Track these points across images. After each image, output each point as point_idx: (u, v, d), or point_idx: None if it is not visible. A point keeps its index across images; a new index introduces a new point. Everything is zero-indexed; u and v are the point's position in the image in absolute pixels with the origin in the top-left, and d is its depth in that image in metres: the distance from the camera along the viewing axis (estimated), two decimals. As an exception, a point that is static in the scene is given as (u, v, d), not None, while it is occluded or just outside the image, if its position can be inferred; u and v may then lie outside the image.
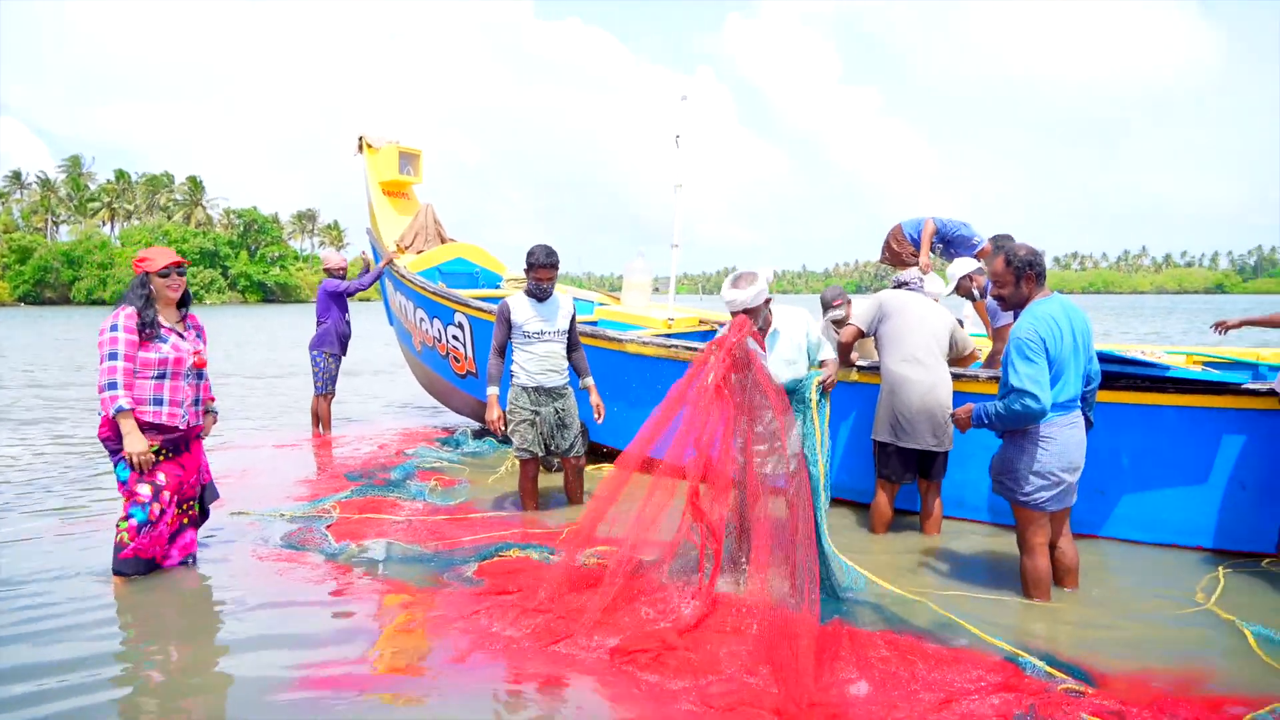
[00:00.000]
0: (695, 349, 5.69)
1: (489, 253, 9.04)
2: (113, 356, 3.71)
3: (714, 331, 7.83)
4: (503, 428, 5.02)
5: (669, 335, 7.18)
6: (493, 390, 5.02)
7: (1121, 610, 3.62)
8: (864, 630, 3.30)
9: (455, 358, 7.42)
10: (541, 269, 4.95)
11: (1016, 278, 3.61)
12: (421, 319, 7.78)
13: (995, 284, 3.72)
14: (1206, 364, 5.55)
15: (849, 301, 5.68)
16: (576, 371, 5.28)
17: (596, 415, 5.16)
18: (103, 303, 63.60)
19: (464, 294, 7.43)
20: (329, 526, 4.74)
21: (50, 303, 68.78)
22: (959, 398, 4.67)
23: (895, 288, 5.01)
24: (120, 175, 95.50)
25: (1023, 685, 2.83)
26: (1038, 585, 3.69)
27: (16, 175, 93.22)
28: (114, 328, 3.74)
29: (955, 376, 4.71)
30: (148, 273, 3.89)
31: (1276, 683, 2.94)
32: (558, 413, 5.13)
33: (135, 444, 3.72)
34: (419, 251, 8.47)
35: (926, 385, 4.51)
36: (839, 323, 5.66)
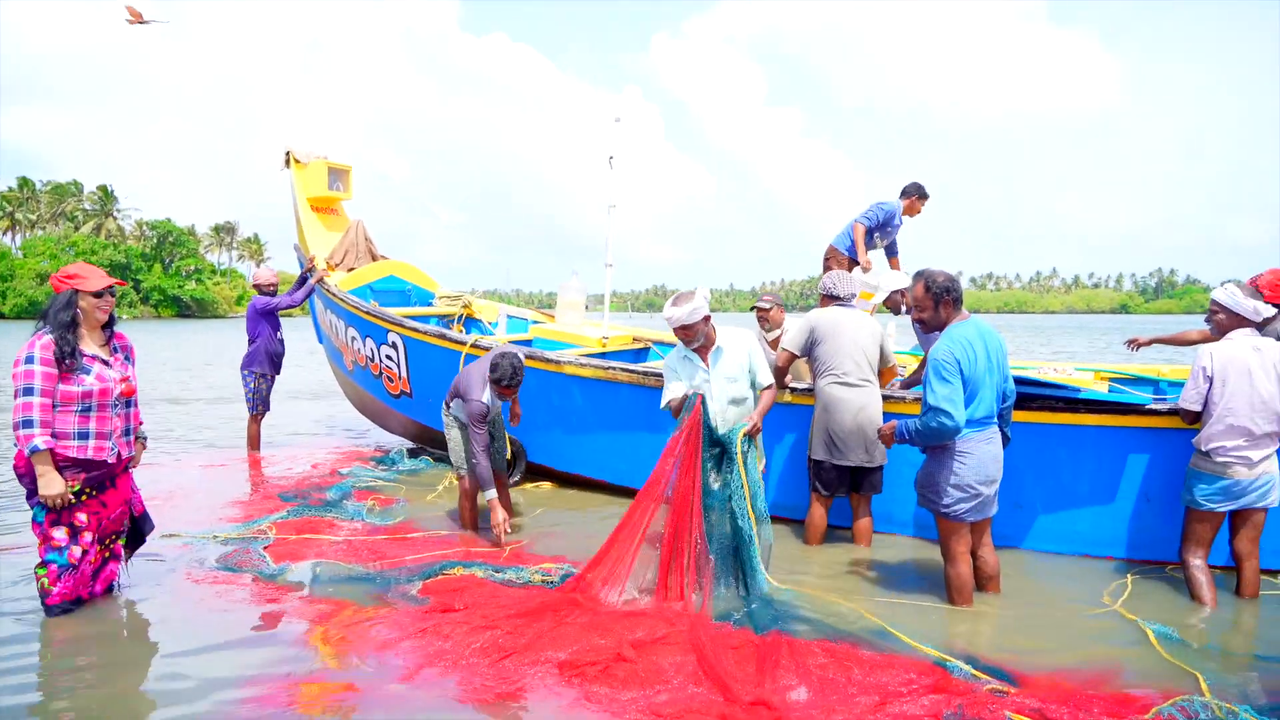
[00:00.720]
0: (632, 370, 5.79)
1: (421, 270, 8.98)
2: (28, 392, 3.46)
3: (648, 349, 7.98)
4: (508, 530, 4.85)
5: (604, 355, 7.28)
6: (491, 494, 4.85)
7: (1039, 615, 3.85)
8: (802, 639, 3.43)
9: (389, 378, 7.36)
10: (505, 387, 4.83)
11: (935, 303, 3.84)
12: (354, 338, 7.69)
13: (915, 308, 3.95)
14: (1113, 380, 5.90)
15: (780, 306, 5.90)
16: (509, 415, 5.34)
17: (513, 420, 5.25)
18: (1, 316, 60.39)
19: (397, 313, 7.38)
20: (266, 547, 4.67)
21: (-55, 316, 64.89)
22: (891, 418, 4.88)
23: (826, 296, 5.15)
24: (24, 183, 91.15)
25: (951, 687, 2.99)
26: (961, 592, 3.89)
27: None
28: (29, 359, 3.49)
29: (886, 398, 4.92)
30: (78, 291, 3.66)
31: (1177, 677, 3.18)
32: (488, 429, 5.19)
33: (50, 487, 3.50)
34: (350, 269, 8.33)
35: (858, 405, 4.70)
36: (763, 321, 5.88)
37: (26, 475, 3.60)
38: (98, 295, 3.71)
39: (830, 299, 5.15)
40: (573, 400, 6.08)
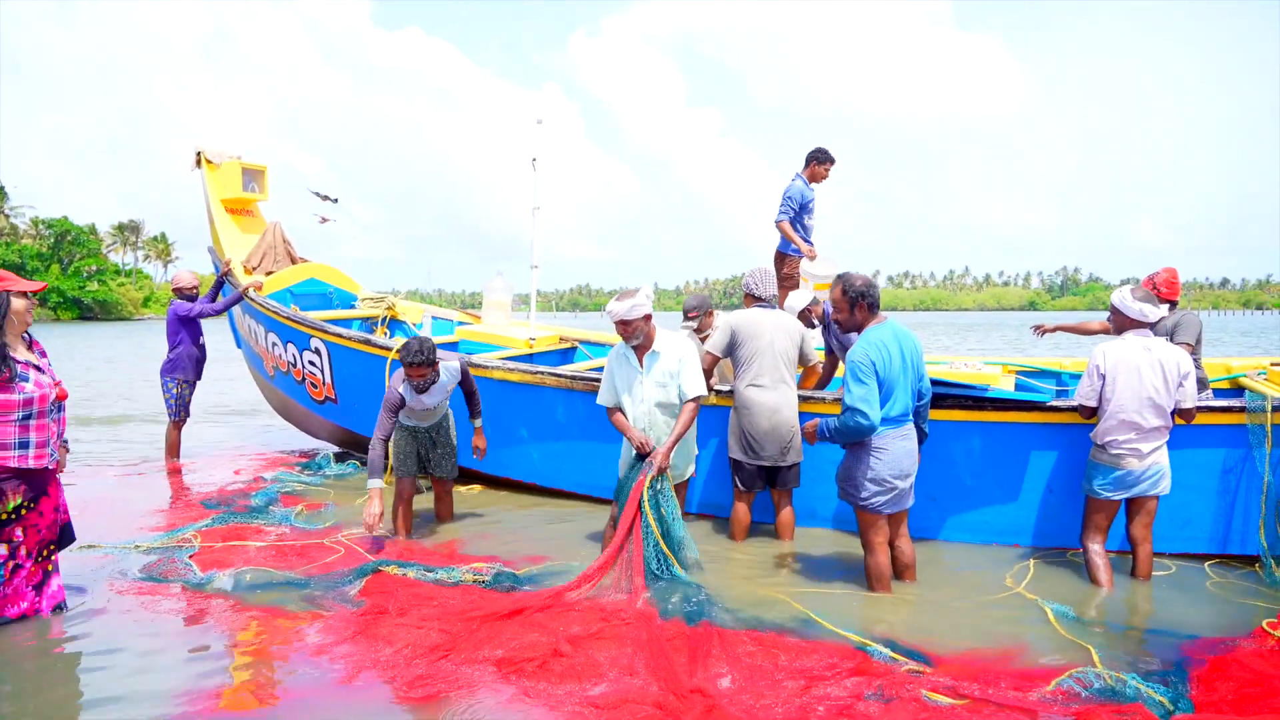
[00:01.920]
0: (560, 375, 5.85)
1: (342, 272, 8.81)
2: None
3: (575, 349, 8.05)
4: (379, 528, 4.75)
5: (532, 356, 7.32)
6: (375, 483, 4.74)
7: (952, 600, 4.09)
8: (731, 630, 3.57)
9: (312, 383, 7.23)
10: (413, 367, 4.76)
11: (851, 306, 4.04)
12: (274, 344, 7.53)
13: (833, 310, 4.14)
14: (1020, 373, 6.23)
15: (710, 313, 5.88)
16: (470, 412, 5.32)
17: (477, 454, 5.28)
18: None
19: (320, 316, 7.27)
20: (192, 556, 4.59)
21: None
22: (808, 418, 5.07)
23: (749, 297, 5.27)
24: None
25: (872, 669, 3.17)
26: (879, 580, 4.10)
27: None
28: None
29: (804, 398, 5.10)
30: (9, 294, 3.55)
31: (1072, 651, 3.44)
32: (430, 433, 5.20)
33: None
34: (268, 272, 8.12)
35: (772, 407, 4.87)
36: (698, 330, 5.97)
37: None
38: (27, 297, 3.62)
39: (752, 299, 5.28)
40: (502, 405, 6.09)
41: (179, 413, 7.55)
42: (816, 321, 6.37)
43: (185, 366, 7.45)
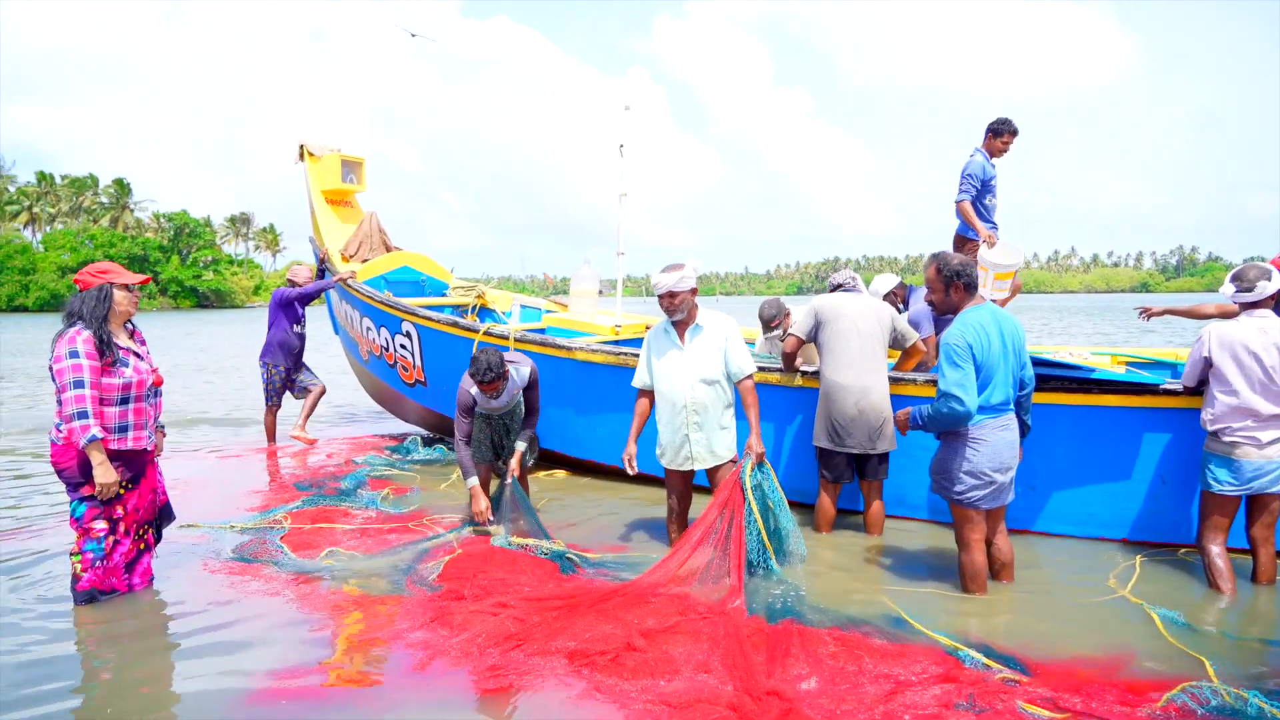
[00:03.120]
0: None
1: (434, 261, 9.01)
2: (79, 385, 3.50)
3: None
4: (490, 518, 4.83)
5: (617, 344, 7.27)
6: (472, 482, 4.87)
7: (1051, 601, 3.83)
8: (813, 628, 3.43)
9: (404, 366, 7.40)
10: (484, 384, 4.71)
11: (946, 285, 3.81)
12: (368, 328, 7.74)
13: (928, 290, 3.92)
14: (1130, 364, 5.84)
15: (788, 314, 5.81)
16: (519, 433, 5.16)
17: (509, 475, 5.05)
18: (24, 309, 61.20)
19: (410, 303, 7.41)
20: (282, 537, 4.71)
21: (-34, 308, 65.89)
22: (898, 400, 4.85)
23: (832, 289, 5.14)
24: (42, 177, 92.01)
25: (963, 676, 2.98)
26: (975, 580, 3.87)
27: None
28: (74, 354, 3.52)
29: (894, 380, 4.89)
30: (112, 285, 3.72)
31: (1184, 663, 3.16)
32: (504, 419, 5.19)
33: (107, 475, 3.57)
34: (364, 260, 8.39)
35: (859, 391, 4.66)
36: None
37: (66, 469, 3.65)
38: (129, 289, 3.79)
39: (836, 287, 5.15)
40: (585, 386, 6.09)
41: (271, 398, 7.79)
42: (902, 306, 6.11)
43: (274, 352, 7.67)
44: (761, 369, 5.16)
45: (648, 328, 7.92)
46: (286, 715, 2.83)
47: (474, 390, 4.85)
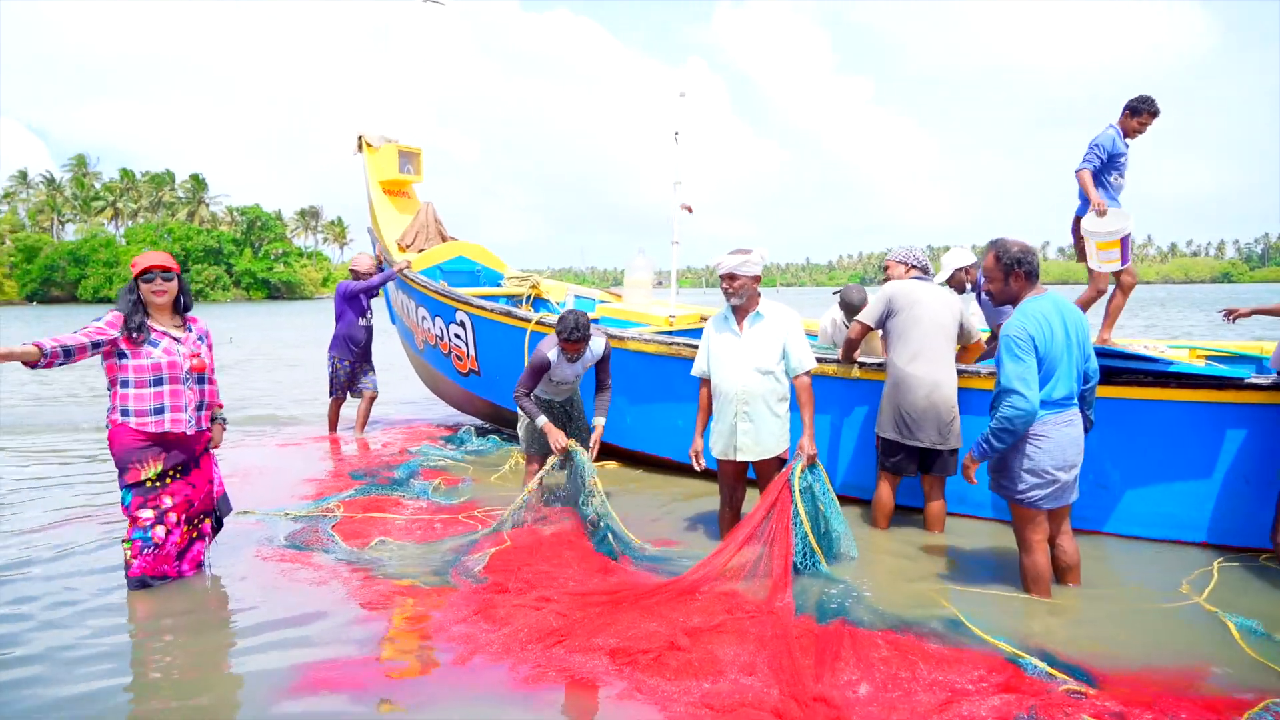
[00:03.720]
0: (696, 346, 5.68)
1: (490, 251, 9.04)
2: (82, 333, 3.58)
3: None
4: (563, 443, 4.81)
5: (671, 334, 7.18)
6: (542, 420, 4.85)
7: (1122, 608, 3.62)
8: (865, 630, 3.30)
9: (458, 356, 7.43)
10: (569, 343, 4.73)
11: (1005, 274, 3.61)
12: (424, 317, 7.79)
13: (985, 279, 3.73)
14: (1210, 358, 5.53)
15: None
16: (595, 409, 5.14)
17: (587, 453, 5.00)
18: (109, 300, 63.81)
19: (465, 292, 7.43)
20: (334, 526, 4.75)
21: (57, 301, 69.18)
22: (967, 394, 4.66)
23: (899, 261, 4.93)
24: (125, 174, 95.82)
25: (1024, 686, 2.83)
26: (1037, 583, 3.69)
27: (23, 175, 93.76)
28: (97, 319, 3.68)
29: (962, 373, 4.70)
30: (135, 279, 3.78)
31: (1265, 677, 2.95)
32: (563, 406, 5.16)
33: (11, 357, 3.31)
34: (420, 250, 8.45)
35: (931, 383, 4.49)
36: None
37: (117, 455, 3.74)
38: (147, 279, 3.77)
39: (907, 267, 4.94)
40: (637, 377, 6.02)
41: (335, 390, 7.87)
42: (969, 286, 5.85)
43: (341, 345, 7.73)
44: (818, 359, 5.03)
45: (702, 318, 7.82)
46: (326, 707, 2.82)
47: (552, 353, 4.83)
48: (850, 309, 5.69)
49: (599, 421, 5.06)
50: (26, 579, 4.02)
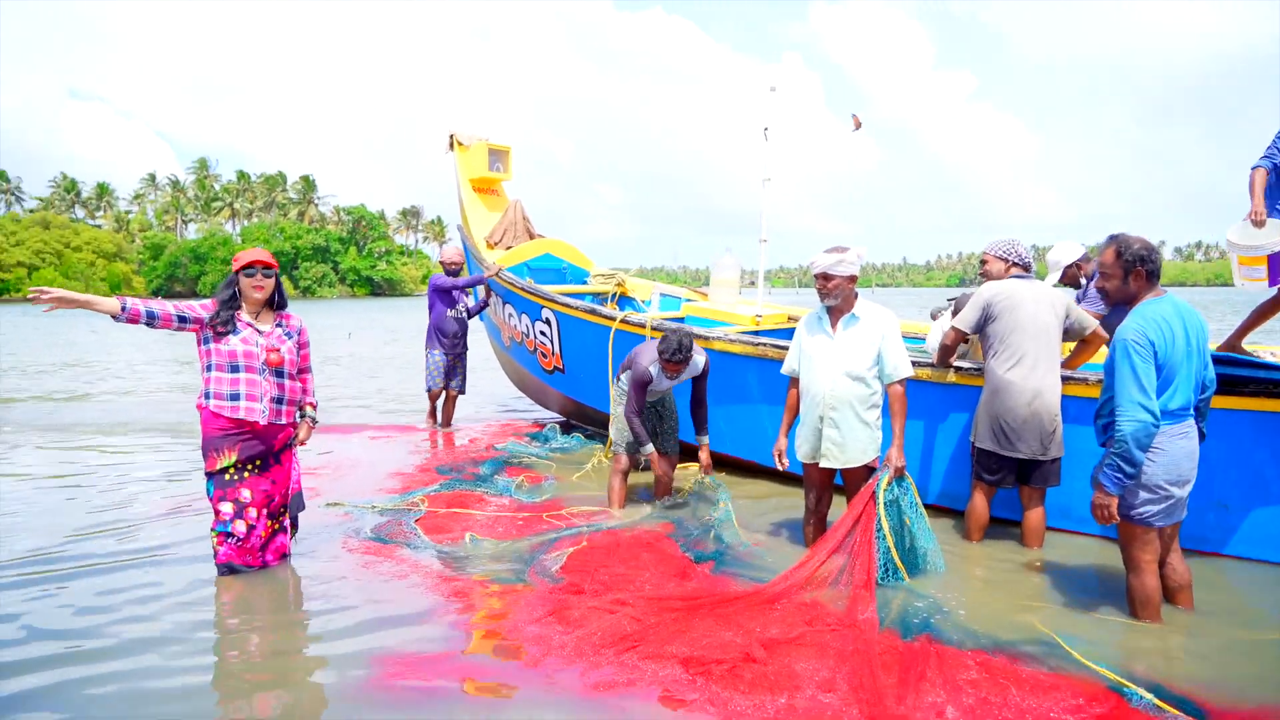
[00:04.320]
0: (784, 347, 5.53)
1: (576, 248, 9.06)
2: (176, 304, 3.83)
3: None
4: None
5: (758, 334, 7.04)
6: (649, 449, 5.07)
7: (1239, 636, 3.33)
8: (953, 649, 3.13)
9: (543, 353, 7.48)
10: (670, 364, 4.81)
11: (1125, 272, 3.35)
12: (510, 314, 7.87)
13: (1101, 275, 3.46)
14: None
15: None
16: (696, 427, 5.22)
17: (703, 471, 5.19)
18: (225, 296, 67.26)
19: (551, 290, 7.46)
20: (418, 520, 4.83)
21: (179, 295, 73.39)
22: (1071, 401, 4.40)
23: (998, 257, 4.64)
24: (241, 176, 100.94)
25: (1128, 717, 2.62)
26: (1146, 605, 3.42)
27: (151, 178, 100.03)
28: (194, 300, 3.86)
29: (1065, 379, 4.43)
30: (236, 273, 3.95)
31: None
32: (655, 407, 5.13)
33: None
34: (508, 247, 8.55)
35: (1033, 390, 4.24)
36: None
37: (202, 441, 3.89)
38: (248, 274, 3.94)
39: (1007, 264, 4.64)
40: (722, 377, 5.90)
41: (432, 382, 7.99)
42: (1084, 281, 5.47)
43: (433, 338, 7.88)
44: (913, 363, 4.81)
45: (790, 319, 7.64)
46: (396, 703, 2.83)
47: (653, 368, 4.86)
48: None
49: (704, 441, 5.16)
50: (124, 566, 4.20)
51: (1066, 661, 3.05)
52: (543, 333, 7.40)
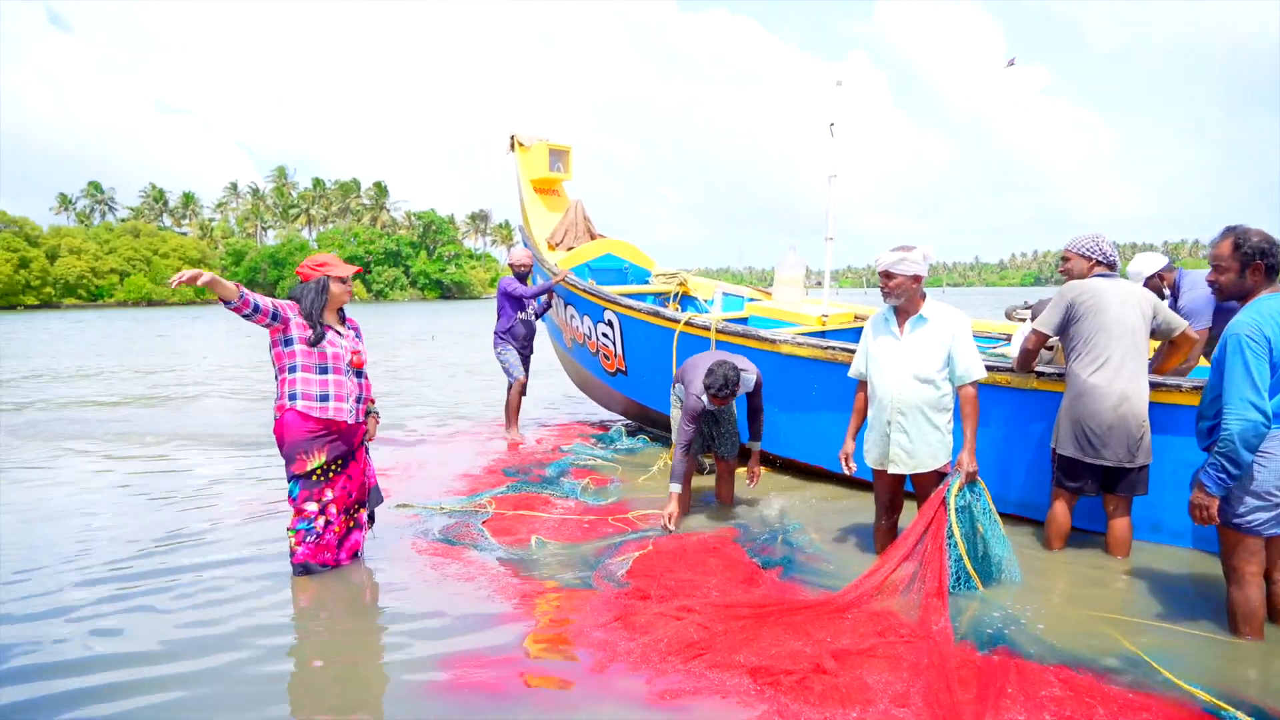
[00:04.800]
0: (850, 350, 5.39)
1: (638, 248, 8.97)
2: (272, 300, 3.87)
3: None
4: (671, 527, 4.70)
5: (824, 334, 6.89)
6: (675, 488, 4.81)
7: (1354, 658, 3.11)
8: (1034, 664, 3.00)
9: (605, 355, 7.46)
10: (716, 398, 4.74)
11: (1243, 266, 3.15)
12: (572, 316, 7.86)
13: (1216, 268, 3.25)
14: None
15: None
16: (750, 433, 5.15)
17: (750, 480, 5.08)
18: (301, 300, 69.31)
19: (612, 290, 7.41)
20: (485, 522, 4.86)
21: (259, 300, 75.73)
22: (1161, 410, 4.19)
23: (1095, 262, 4.37)
24: (317, 183, 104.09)
25: (1226, 743, 2.46)
26: (1249, 621, 3.22)
27: (233, 186, 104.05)
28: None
29: (1154, 386, 4.20)
30: (328, 277, 4.01)
31: None
32: (715, 414, 5.05)
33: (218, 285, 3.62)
34: (569, 248, 8.49)
35: (1119, 395, 4.02)
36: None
37: (286, 444, 3.95)
38: (344, 281, 4.04)
39: (1090, 262, 4.37)
40: (789, 382, 5.80)
41: (512, 375, 7.81)
42: (1166, 292, 5.26)
43: (507, 338, 7.77)
44: (990, 368, 4.64)
45: (857, 318, 7.46)
46: (463, 706, 2.83)
47: (704, 398, 4.80)
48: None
49: (755, 447, 5.07)
50: (205, 567, 4.32)
51: (1156, 681, 2.89)
52: (605, 335, 7.37)
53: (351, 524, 4.20)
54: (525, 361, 7.97)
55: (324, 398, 3.96)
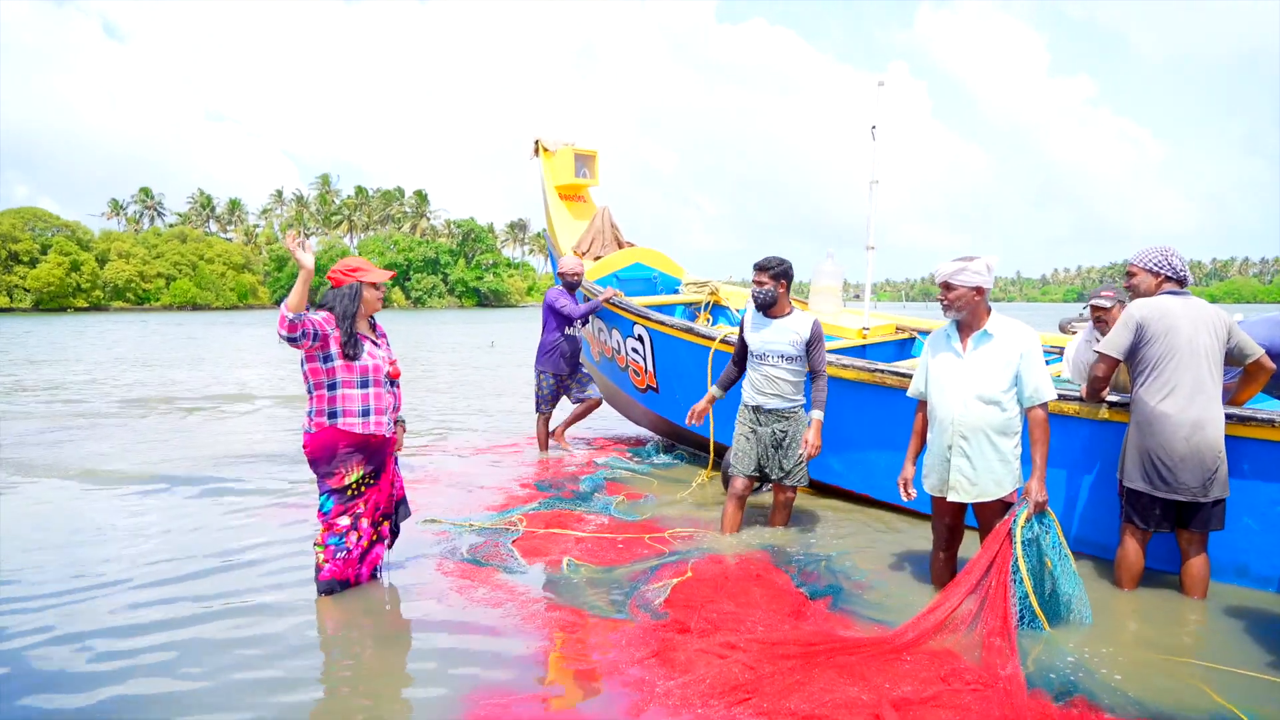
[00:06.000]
0: (901, 374, 5.05)
1: (667, 256, 8.55)
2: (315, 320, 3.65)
3: (913, 340, 7.14)
4: (695, 421, 4.87)
5: (865, 348, 6.61)
6: (714, 389, 4.95)
7: None
8: (1113, 717, 2.72)
9: (635, 371, 7.14)
10: (758, 270, 4.67)
11: None
12: (600, 330, 7.55)
13: None
14: None
15: (1121, 303, 4.55)
16: (812, 399, 4.72)
17: (805, 449, 4.63)
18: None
19: (643, 302, 7.12)
20: (514, 541, 4.65)
21: (299, 306, 76.98)
22: (1238, 444, 3.87)
23: (1164, 278, 4.02)
24: (359, 191, 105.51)
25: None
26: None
27: (278, 194, 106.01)
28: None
29: (1231, 418, 3.86)
30: (361, 283, 3.84)
31: None
32: (776, 434, 4.73)
33: (308, 263, 3.57)
34: (596, 257, 8.08)
35: (1192, 423, 3.70)
36: (1100, 324, 4.60)
37: (314, 458, 3.79)
38: (376, 286, 3.89)
39: (1159, 278, 4.02)
40: (832, 404, 5.25)
41: (541, 405, 7.38)
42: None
43: (554, 359, 7.24)
44: (1061, 396, 4.30)
45: (899, 329, 7.15)
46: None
47: (749, 314, 4.76)
48: (1098, 317, 4.69)
49: (816, 416, 4.61)
50: (223, 586, 4.17)
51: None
52: (635, 350, 7.04)
53: (375, 536, 4.03)
54: (566, 390, 7.49)
55: (365, 412, 3.80)
